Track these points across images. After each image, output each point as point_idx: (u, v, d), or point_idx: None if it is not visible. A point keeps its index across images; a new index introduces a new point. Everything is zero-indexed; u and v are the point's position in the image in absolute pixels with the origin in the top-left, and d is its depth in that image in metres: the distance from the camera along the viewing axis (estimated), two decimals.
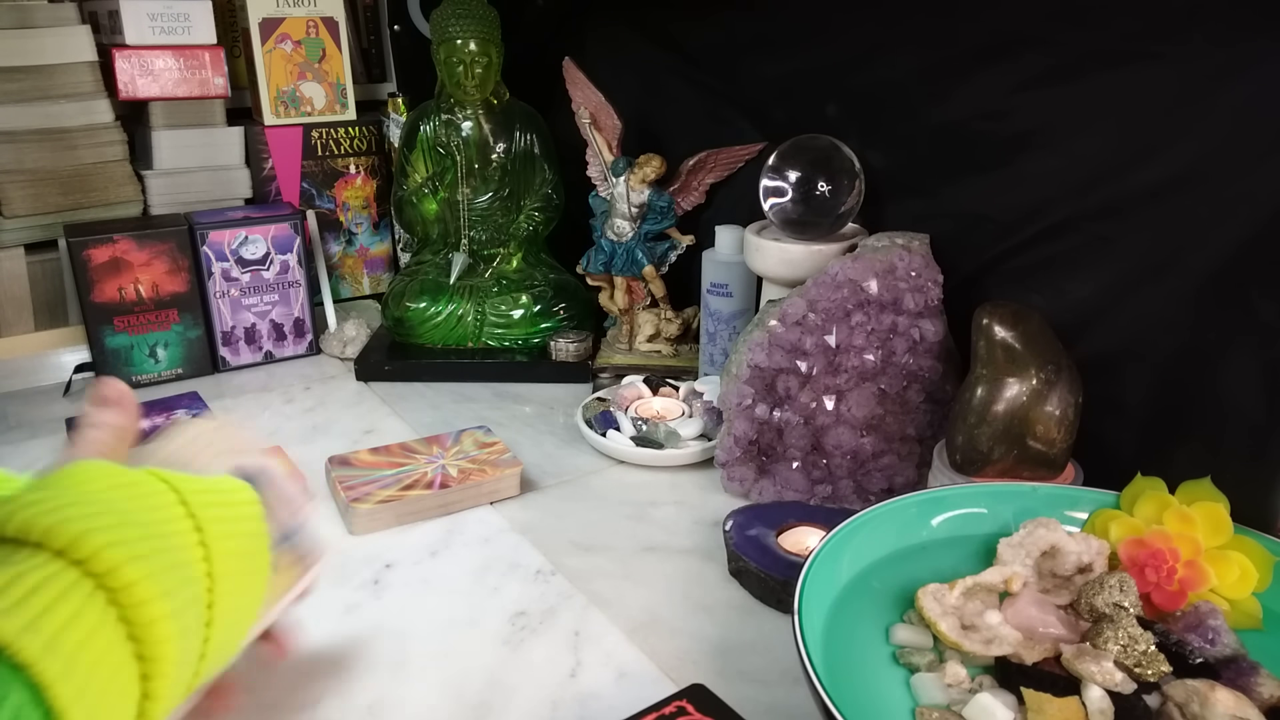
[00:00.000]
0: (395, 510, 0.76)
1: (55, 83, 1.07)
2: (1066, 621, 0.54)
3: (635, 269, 1.05)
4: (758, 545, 0.68)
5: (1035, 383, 0.64)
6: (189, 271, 1.06)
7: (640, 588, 0.68)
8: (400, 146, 1.15)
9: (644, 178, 1.01)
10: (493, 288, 1.11)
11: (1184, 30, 0.60)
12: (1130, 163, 0.65)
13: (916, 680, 0.51)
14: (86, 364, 1.05)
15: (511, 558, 0.72)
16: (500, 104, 1.11)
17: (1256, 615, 0.54)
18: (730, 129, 1.00)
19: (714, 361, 0.97)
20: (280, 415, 0.99)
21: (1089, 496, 0.62)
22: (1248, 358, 0.60)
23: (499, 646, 0.62)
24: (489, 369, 1.07)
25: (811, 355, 0.77)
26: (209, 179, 1.18)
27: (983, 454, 0.65)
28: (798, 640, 0.48)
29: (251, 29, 1.19)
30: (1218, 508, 0.57)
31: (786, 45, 0.92)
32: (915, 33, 0.79)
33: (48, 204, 1.09)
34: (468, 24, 1.04)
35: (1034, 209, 0.72)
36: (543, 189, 1.14)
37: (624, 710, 0.51)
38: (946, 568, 0.58)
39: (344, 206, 1.31)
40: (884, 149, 0.83)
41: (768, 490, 0.80)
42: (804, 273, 0.80)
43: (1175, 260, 0.64)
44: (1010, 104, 0.72)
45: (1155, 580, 0.55)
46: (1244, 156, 0.59)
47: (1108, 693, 0.48)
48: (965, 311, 0.68)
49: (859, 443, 0.77)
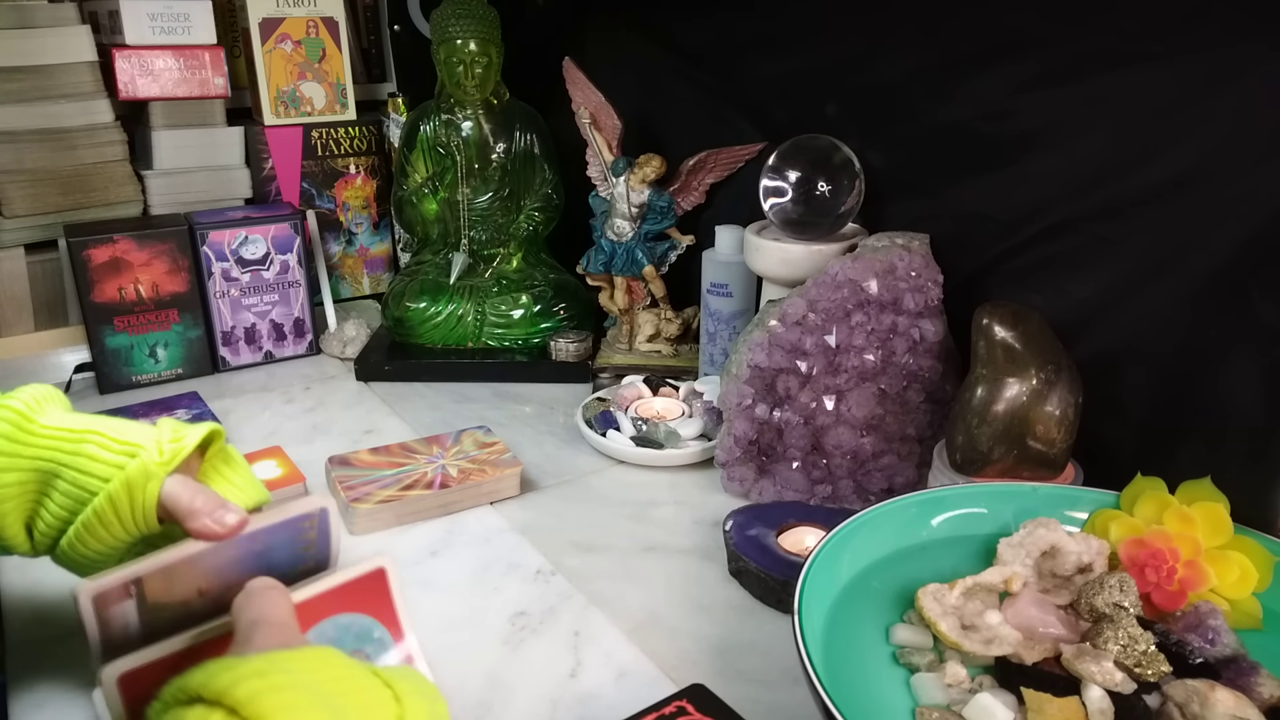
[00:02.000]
0: (395, 510, 0.76)
1: (55, 83, 1.07)
2: (1066, 621, 0.54)
3: (635, 269, 1.05)
4: (758, 545, 0.68)
5: (1035, 383, 0.64)
6: (189, 271, 1.06)
7: (640, 588, 0.68)
8: (400, 146, 1.15)
9: (644, 178, 1.01)
10: (493, 288, 1.11)
11: (1184, 31, 0.60)
12: (1131, 163, 0.65)
13: (916, 680, 0.51)
14: (86, 364, 1.05)
15: (511, 558, 0.72)
16: (500, 104, 1.11)
17: (1256, 615, 0.54)
18: (730, 129, 1.00)
19: (714, 361, 0.97)
20: (280, 415, 0.99)
21: (1089, 496, 0.62)
22: (1248, 358, 0.60)
23: (499, 646, 0.62)
24: (489, 369, 1.07)
25: (811, 355, 0.77)
26: (209, 179, 1.18)
27: (983, 454, 0.65)
28: (798, 640, 0.48)
29: (251, 29, 1.19)
30: (1218, 508, 0.56)
31: (787, 45, 0.92)
32: (915, 33, 0.79)
33: (48, 204, 1.09)
34: (468, 24, 1.04)
35: (1034, 209, 0.72)
36: (543, 189, 1.14)
37: (624, 710, 0.51)
38: (946, 568, 0.58)
39: (344, 206, 1.31)
40: (884, 149, 0.83)
41: (768, 490, 0.80)
42: (804, 273, 0.80)
43: (1175, 260, 0.64)
44: (1011, 104, 0.72)
45: (1155, 580, 0.55)
46: (1244, 157, 0.59)
47: (1108, 693, 0.48)
48: (965, 311, 0.68)
49: (859, 443, 0.77)
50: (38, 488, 0.51)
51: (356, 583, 0.54)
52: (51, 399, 0.54)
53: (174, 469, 0.51)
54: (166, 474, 0.51)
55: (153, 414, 0.93)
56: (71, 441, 0.51)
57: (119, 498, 0.50)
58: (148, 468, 0.50)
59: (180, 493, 0.51)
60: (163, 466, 0.51)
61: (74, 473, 0.50)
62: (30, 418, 0.52)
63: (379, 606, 0.54)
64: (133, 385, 1.05)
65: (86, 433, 0.52)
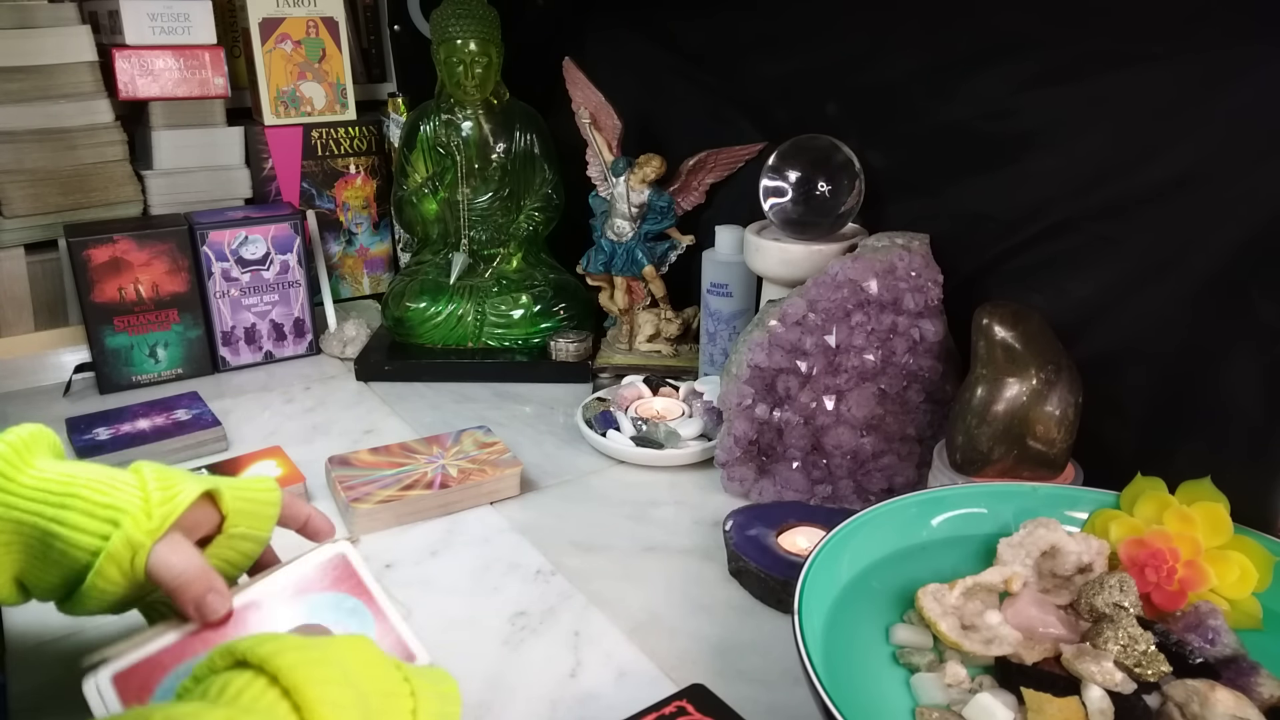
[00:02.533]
0: (395, 510, 0.76)
1: (55, 83, 1.07)
2: (1066, 621, 0.54)
3: (635, 269, 1.05)
4: (758, 545, 0.68)
5: (1035, 383, 0.64)
6: (189, 271, 1.06)
7: (640, 588, 0.68)
8: (400, 146, 1.15)
9: (644, 178, 1.01)
10: (493, 288, 1.11)
11: (1184, 32, 0.60)
12: (1131, 163, 0.65)
13: (916, 680, 0.51)
14: (86, 364, 1.05)
15: (511, 558, 0.72)
16: (500, 104, 1.11)
17: (1256, 615, 0.54)
18: (730, 129, 1.00)
19: (714, 361, 0.97)
20: (280, 415, 0.99)
21: (1089, 496, 0.62)
22: (1248, 358, 0.60)
23: (499, 646, 0.62)
24: (489, 369, 1.07)
25: (811, 355, 0.77)
26: (209, 179, 1.18)
27: (983, 454, 0.65)
28: (798, 640, 0.48)
29: (251, 29, 1.19)
30: (1218, 508, 0.57)
31: (787, 45, 0.92)
32: (916, 33, 0.79)
33: (48, 204, 1.09)
34: (468, 24, 1.04)
35: (1034, 209, 0.72)
36: (543, 189, 1.14)
37: (624, 710, 0.51)
38: (946, 568, 0.58)
39: (344, 206, 1.31)
40: (884, 149, 0.83)
41: (768, 490, 0.80)
42: (804, 273, 0.80)
43: (1176, 260, 0.64)
44: (1011, 104, 0.72)
45: (1155, 580, 0.55)
46: (1244, 157, 0.59)
47: (1108, 693, 0.48)
48: (965, 311, 0.68)
49: (859, 443, 0.77)
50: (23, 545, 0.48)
51: (322, 569, 0.54)
52: (37, 444, 0.50)
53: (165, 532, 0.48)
54: (154, 542, 0.47)
55: (153, 414, 0.93)
56: (54, 504, 0.47)
57: (107, 573, 0.47)
58: (131, 539, 0.47)
59: (169, 566, 0.48)
60: (150, 535, 0.47)
61: (59, 542, 0.47)
62: (18, 466, 0.48)
63: (350, 584, 0.55)
64: (133, 385, 1.05)
65: (67, 496, 0.48)
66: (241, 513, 0.53)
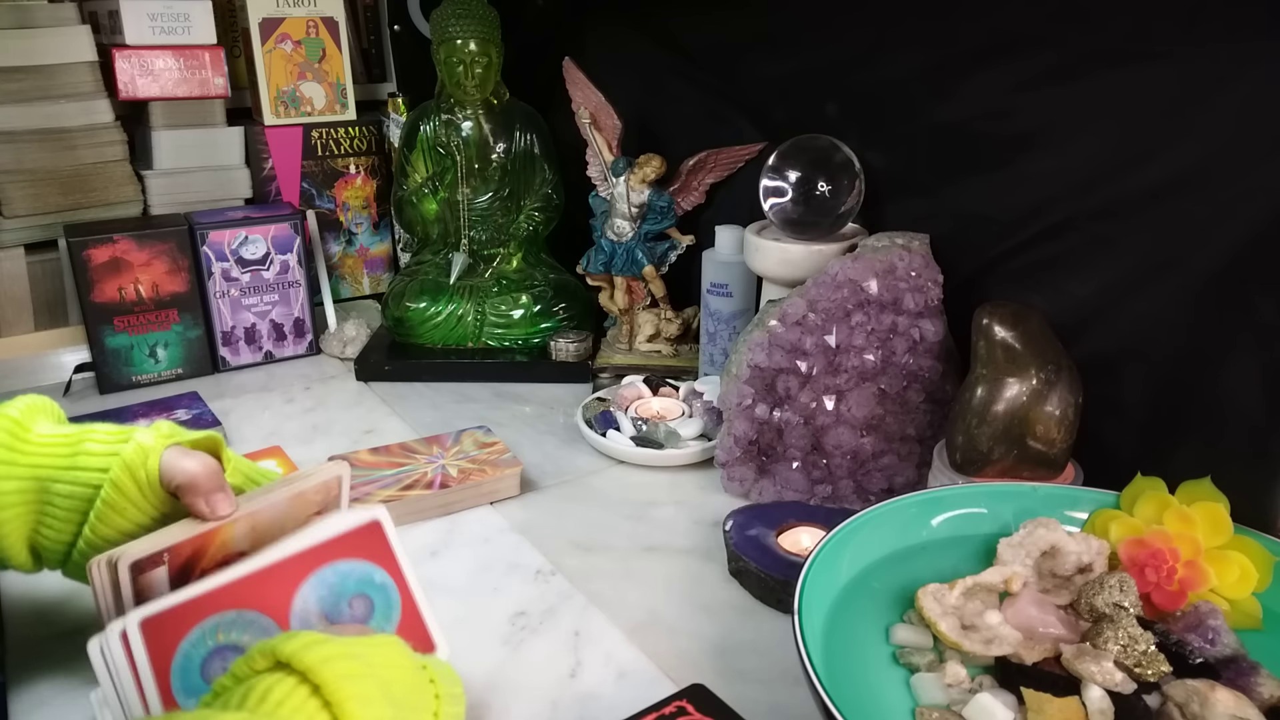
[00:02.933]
0: (395, 510, 0.76)
1: (55, 83, 1.07)
2: (1066, 621, 0.54)
3: (635, 269, 1.05)
4: (758, 545, 0.68)
5: (1035, 383, 0.64)
6: (189, 271, 1.06)
7: (640, 588, 0.68)
8: (400, 146, 1.15)
9: (644, 178, 1.01)
10: (493, 288, 1.11)
11: (1184, 30, 0.60)
12: (1131, 163, 0.65)
13: (916, 680, 0.51)
14: (86, 364, 1.05)
15: (511, 558, 0.72)
16: (500, 104, 1.11)
17: (1256, 615, 0.54)
18: (730, 129, 1.00)
19: (714, 361, 0.97)
20: (280, 415, 0.99)
21: (1089, 496, 0.62)
22: (1248, 358, 0.60)
23: (499, 646, 0.62)
24: (489, 369, 1.07)
25: (811, 355, 0.77)
26: (209, 179, 1.18)
27: (983, 454, 0.65)
28: (798, 640, 0.48)
29: (251, 29, 1.19)
30: (1218, 508, 0.56)
31: (787, 45, 0.92)
32: (915, 32, 0.79)
33: (48, 204, 1.09)
34: (468, 24, 1.04)
35: (1034, 209, 0.72)
36: (543, 189, 1.14)
37: (624, 710, 0.51)
38: (946, 568, 0.58)
39: (344, 206, 1.31)
40: (884, 149, 0.83)
41: (768, 490, 0.80)
42: (804, 273, 0.80)
43: (1176, 260, 0.64)
44: (1011, 104, 0.72)
45: (1155, 580, 0.55)
46: (1244, 157, 0.59)
47: (1108, 693, 0.48)
48: (965, 311, 0.68)
49: (859, 443, 0.77)
50: (37, 499, 0.51)
51: (355, 534, 0.55)
52: (44, 410, 0.54)
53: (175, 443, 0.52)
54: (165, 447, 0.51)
55: (153, 414, 0.93)
56: (67, 446, 0.51)
57: (122, 482, 0.50)
58: (144, 446, 0.51)
59: (181, 466, 0.51)
60: (162, 441, 0.52)
61: (73, 472, 0.50)
62: (26, 425, 0.52)
63: (379, 554, 0.55)
64: (133, 385, 1.05)
65: (80, 435, 0.52)
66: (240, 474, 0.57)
